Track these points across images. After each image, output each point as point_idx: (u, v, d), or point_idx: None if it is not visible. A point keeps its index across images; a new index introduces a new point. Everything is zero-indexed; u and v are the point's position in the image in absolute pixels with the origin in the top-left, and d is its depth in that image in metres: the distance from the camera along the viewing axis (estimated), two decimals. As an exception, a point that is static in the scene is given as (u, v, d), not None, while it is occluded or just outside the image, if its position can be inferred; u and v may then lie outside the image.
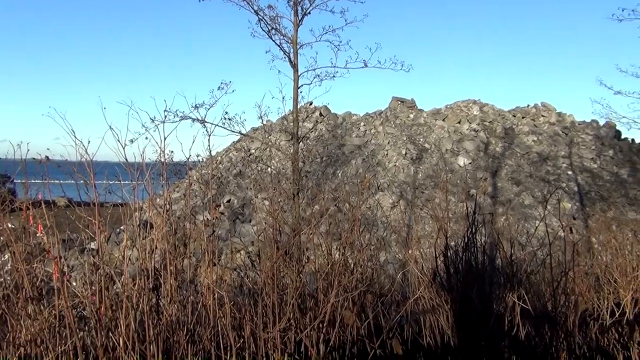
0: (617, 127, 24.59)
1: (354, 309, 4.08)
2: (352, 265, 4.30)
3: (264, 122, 11.77)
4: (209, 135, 4.08)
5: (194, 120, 10.05)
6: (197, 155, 5.96)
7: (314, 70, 10.76)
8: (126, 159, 3.10)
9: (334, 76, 10.68)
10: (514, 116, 25.07)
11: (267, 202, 18.92)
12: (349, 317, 3.32)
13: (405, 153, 21.70)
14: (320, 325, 3.52)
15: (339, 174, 20.98)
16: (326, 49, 10.73)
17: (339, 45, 10.39)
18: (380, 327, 4.38)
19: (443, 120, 24.19)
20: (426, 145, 22.49)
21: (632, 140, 25.15)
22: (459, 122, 23.89)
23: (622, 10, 12.07)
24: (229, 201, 21.04)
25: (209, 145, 4.22)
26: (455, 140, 22.63)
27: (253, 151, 23.60)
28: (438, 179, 20.11)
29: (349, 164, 21.53)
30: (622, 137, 25.31)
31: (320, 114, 25.93)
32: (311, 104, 26.43)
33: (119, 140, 3.05)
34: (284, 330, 3.26)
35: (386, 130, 23.41)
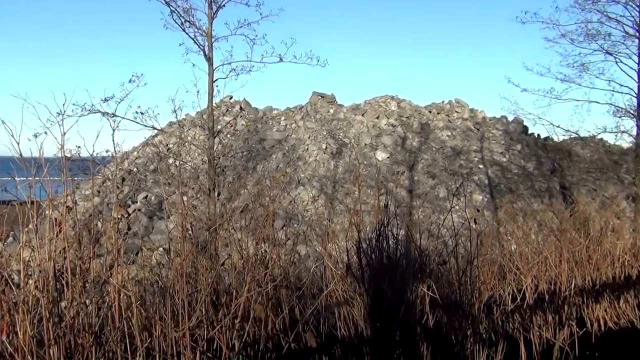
0: (525, 123, 26.04)
1: (269, 303, 4.07)
2: (266, 259, 4.28)
3: (180, 117, 11.51)
4: (113, 130, 3.92)
5: (103, 114, 9.64)
6: (107, 151, 5.73)
7: (230, 64, 10.64)
8: (21, 154, 2.92)
9: (250, 70, 10.59)
10: (430, 112, 25.91)
11: (184, 198, 18.54)
12: (259, 312, 3.32)
13: (326, 147, 21.92)
14: (233, 321, 3.48)
15: (260, 169, 20.89)
16: (242, 43, 10.62)
17: (254, 39, 10.31)
18: (297, 321, 4.40)
19: (362, 115, 24.62)
20: (346, 140, 22.81)
21: (538, 135, 26.69)
22: (378, 118, 24.39)
23: (525, 13, 12.76)
24: (145, 197, 20.43)
25: (113, 139, 4.06)
26: (374, 135, 23.09)
27: (171, 146, 23.04)
28: (357, 173, 20.47)
29: (269, 158, 21.48)
30: (529, 132, 26.81)
31: (241, 108, 25.69)
32: (231, 98, 26.11)
33: (12, 135, 2.87)
34: (195, 328, 3.20)
35: (307, 125, 23.54)
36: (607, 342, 5.74)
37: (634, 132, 12.78)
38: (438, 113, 25.84)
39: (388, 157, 21.94)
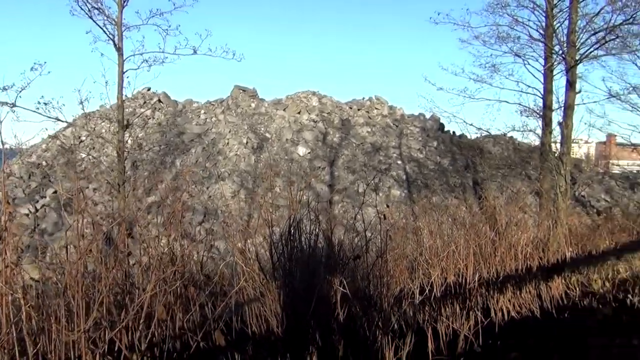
0: (441, 121, 27.00)
1: (177, 302, 3.96)
2: (175, 256, 4.16)
3: (90, 108, 10.93)
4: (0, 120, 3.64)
5: (2, 103, 9.02)
6: (3, 143, 5.35)
7: (142, 54, 10.25)
8: None
9: (163, 62, 10.25)
10: (350, 108, 26.26)
11: (97, 194, 17.78)
12: (161, 312, 3.20)
13: (247, 142, 21.71)
14: (137, 322, 3.35)
15: (178, 163, 20.38)
16: (154, 33, 10.26)
17: (167, 30, 9.98)
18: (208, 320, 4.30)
19: (284, 110, 24.58)
20: (267, 135, 22.70)
21: (453, 132, 27.73)
22: (299, 113, 24.44)
23: (438, 14, 13.13)
24: (55, 192, 19.42)
25: None
26: (295, 130, 23.12)
27: (84, 139, 22.03)
28: (278, 168, 20.42)
29: (188, 152, 21.01)
30: (445, 129, 27.80)
31: (159, 101, 24.97)
32: (149, 89, 25.31)
33: None
34: (94, 330, 3.05)
35: (227, 119, 23.21)
36: (509, 330, 6.02)
37: (539, 131, 13.46)
38: (358, 109, 26.23)
39: (309, 153, 22.04)
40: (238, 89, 25.69)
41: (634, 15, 11.61)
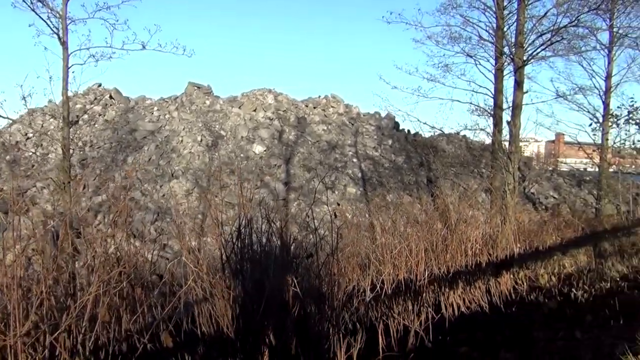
0: (396, 119, 27.31)
1: (123, 303, 3.86)
2: (122, 256, 4.05)
3: (34, 104, 10.54)
4: None
5: (-59, 100, 8.61)
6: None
7: (88, 49, 9.93)
8: None
9: (110, 57, 9.95)
10: (307, 106, 26.25)
11: (45, 191, 17.23)
12: (104, 314, 3.11)
13: (201, 140, 21.41)
14: (80, 324, 3.24)
15: (130, 161, 19.93)
16: (101, 27, 9.95)
17: (115, 24, 9.68)
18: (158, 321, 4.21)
19: (239, 107, 24.36)
20: (222, 133, 22.45)
21: (408, 131, 28.08)
22: (255, 110, 24.27)
23: (390, 14, 13.25)
24: (1, 190, 18.68)
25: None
26: (250, 128, 22.95)
27: (31, 136, 21.28)
28: (233, 166, 20.24)
29: (141, 150, 20.57)
30: (400, 128, 28.12)
31: (111, 97, 24.36)
32: (100, 85, 24.67)
33: None
34: (32, 334, 2.93)
35: (181, 116, 22.84)
36: (459, 325, 6.13)
37: (490, 130, 13.75)
38: (314, 107, 26.25)
39: (265, 151, 21.92)
40: (192, 86, 25.32)
41: (579, 18, 12.02)
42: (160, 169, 19.74)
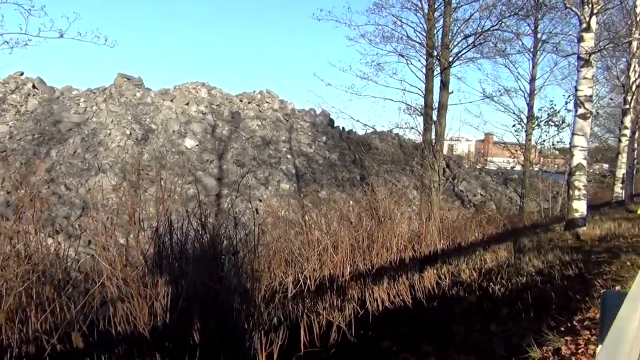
0: (331, 116, 27.49)
1: (30, 302, 3.68)
2: (29, 254, 3.86)
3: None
4: None
5: None
6: None
7: (1, 35, 9.33)
8: None
9: (26, 44, 9.36)
10: (241, 101, 25.98)
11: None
12: (4, 316, 2.95)
13: (130, 133, 20.78)
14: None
15: (54, 154, 19.07)
16: (15, 13, 9.37)
17: (30, 10, 9.12)
18: (70, 321, 4.04)
19: (171, 101, 23.80)
20: (153, 126, 21.87)
21: (343, 128, 28.34)
22: (187, 104, 23.79)
23: (320, 11, 13.32)
24: None
25: None
26: (183, 122, 22.47)
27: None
28: (164, 161, 19.77)
29: (65, 142, 19.72)
30: (335, 125, 28.34)
31: (34, 86, 23.19)
32: (22, 74, 23.46)
33: None
34: None
35: (110, 108, 22.06)
36: (383, 320, 6.24)
37: (421, 129, 14.04)
38: (249, 102, 26.03)
39: (197, 145, 21.53)
40: (122, 77, 24.51)
41: (502, 22, 12.53)
42: (86, 163, 19.01)
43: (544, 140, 18.79)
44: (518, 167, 23.04)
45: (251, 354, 4.31)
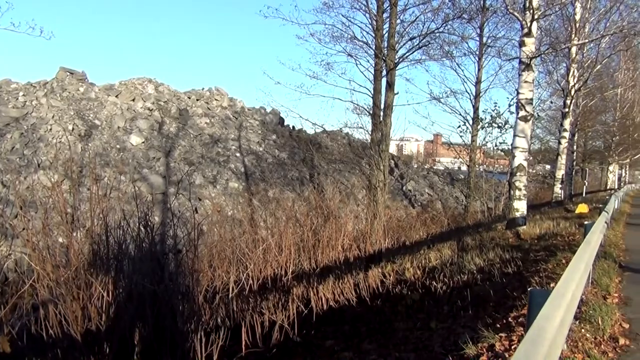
0: (281, 115, 27.40)
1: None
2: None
3: None
4: None
5: None
6: None
7: None
8: None
9: (-48, 33, 8.85)
10: (189, 98, 25.54)
11: None
12: None
13: (73, 129, 20.08)
14: None
15: (-10, 150, 18.23)
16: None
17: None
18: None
19: (116, 96, 23.15)
20: (97, 122, 21.21)
21: (293, 127, 28.29)
22: (133, 100, 23.20)
23: (268, 8, 13.19)
24: None
25: None
26: (128, 118, 21.89)
27: None
28: (108, 158, 19.22)
29: (3, 138, 18.87)
30: (285, 123, 28.27)
31: (-32, 78, 22.13)
32: (-44, 65, 22.28)
33: None
34: None
35: (51, 102, 21.25)
36: (327, 319, 6.25)
37: (369, 129, 14.12)
38: (197, 100, 25.62)
39: (143, 142, 21.02)
40: (64, 71, 23.68)
41: (445, 25, 12.80)
42: (25, 159, 18.25)
43: (488, 142, 19.29)
44: (464, 168, 23.54)
45: (190, 355, 4.23)
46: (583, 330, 3.85)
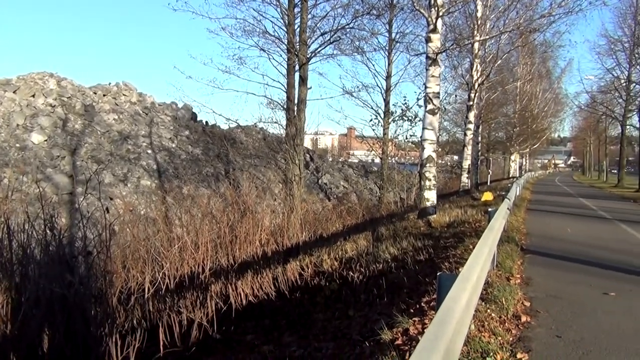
0: (193, 110, 26.84)
1: None
2: None
3: None
4: None
5: None
6: None
7: None
8: None
9: None
10: (95, 93, 24.44)
11: None
12: None
13: (-34, 127, 18.69)
14: None
15: None
16: None
17: None
18: None
19: (14, 92, 21.73)
20: (-7, 119, 19.85)
21: (206, 122, 27.79)
22: (34, 96, 21.88)
23: (177, 1, 12.89)
24: None
25: None
26: (28, 115, 20.63)
27: None
28: (7, 157, 18.05)
29: None
30: (198, 119, 27.71)
31: None
32: None
33: None
34: None
35: (-61, 99, 19.65)
36: (247, 314, 6.24)
37: (284, 123, 14.17)
38: (104, 95, 24.57)
39: (46, 140, 19.90)
40: (-46, 65, 21.95)
41: (355, 20, 13.12)
42: None
43: (399, 134, 19.90)
44: (377, 160, 24.13)
45: (105, 359, 4.09)
46: (489, 310, 4.09)
